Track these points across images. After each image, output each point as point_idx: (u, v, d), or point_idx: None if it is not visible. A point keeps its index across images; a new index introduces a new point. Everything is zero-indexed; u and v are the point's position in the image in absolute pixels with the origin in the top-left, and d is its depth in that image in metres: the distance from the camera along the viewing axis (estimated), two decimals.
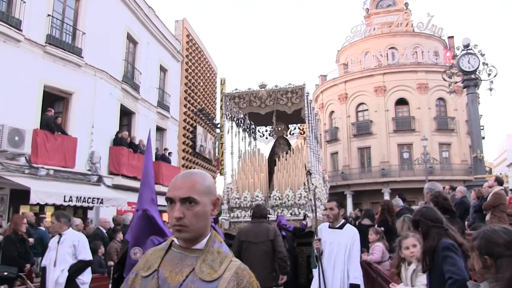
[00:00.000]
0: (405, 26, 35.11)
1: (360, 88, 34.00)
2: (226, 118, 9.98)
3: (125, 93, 16.90)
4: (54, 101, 13.77)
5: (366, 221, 8.56)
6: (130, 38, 17.90)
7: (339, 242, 4.70)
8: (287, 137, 11.69)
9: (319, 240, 4.77)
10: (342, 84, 35.39)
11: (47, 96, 12.95)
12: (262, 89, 9.50)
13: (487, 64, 13.96)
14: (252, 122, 11.72)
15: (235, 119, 10.53)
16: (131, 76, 17.68)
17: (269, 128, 12.20)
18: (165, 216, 19.93)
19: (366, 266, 6.56)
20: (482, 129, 29.40)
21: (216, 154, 29.54)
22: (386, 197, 30.60)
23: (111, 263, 7.21)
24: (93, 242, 7.59)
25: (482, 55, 13.90)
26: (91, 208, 13.75)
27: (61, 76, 13.34)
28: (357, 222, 9.98)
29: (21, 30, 11.82)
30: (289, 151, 10.18)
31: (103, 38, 15.28)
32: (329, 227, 4.86)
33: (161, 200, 14.59)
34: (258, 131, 12.42)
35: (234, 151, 10.06)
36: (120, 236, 7.83)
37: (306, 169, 8.86)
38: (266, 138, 12.35)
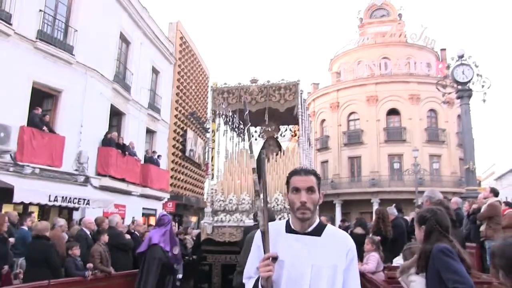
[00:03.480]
0: (398, 37, 35.25)
1: (352, 97, 34.00)
2: (214, 114, 9.58)
3: (115, 93, 16.63)
4: (43, 99, 13.47)
5: (359, 230, 8.38)
6: (123, 38, 17.66)
7: (314, 263, 2.07)
8: (277, 139, 11.31)
9: (275, 259, 2.02)
10: (334, 93, 35.38)
11: (35, 93, 12.63)
12: (253, 84, 9.12)
13: (481, 76, 13.90)
14: (241, 122, 11.31)
15: (223, 116, 10.14)
16: (122, 76, 17.43)
17: (258, 129, 11.81)
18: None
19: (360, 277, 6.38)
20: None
21: (206, 159, 29.27)
22: (376, 207, 30.53)
23: (90, 265, 6.92)
24: (69, 242, 7.32)
25: (476, 66, 13.84)
26: (76, 209, 13.41)
27: (51, 73, 13.05)
28: (348, 231, 9.76)
29: (11, 24, 11.53)
30: (279, 152, 9.83)
31: (96, 36, 15.02)
32: (290, 231, 2.19)
33: (152, 204, 14.28)
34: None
35: (220, 150, 9.66)
36: (105, 238, 7.52)
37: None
38: (256, 139, 11.93)
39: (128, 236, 8.52)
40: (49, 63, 13.06)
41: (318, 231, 2.16)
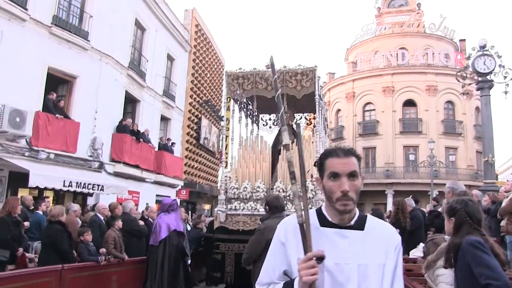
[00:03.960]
0: (417, 27, 34.65)
1: (368, 88, 33.64)
2: (228, 100, 9.36)
3: (130, 80, 16.59)
4: (58, 84, 13.49)
5: None
6: (138, 24, 17.56)
7: (361, 263, 1.71)
8: (292, 127, 11.07)
9: (320, 259, 1.59)
10: (350, 83, 35.02)
11: (50, 79, 12.64)
12: (269, 69, 8.86)
13: (503, 66, 13.53)
14: (255, 110, 11.09)
15: (238, 102, 9.92)
16: (137, 63, 17.36)
17: (273, 116, 11.57)
18: None
19: None
20: None
21: (220, 147, 29.24)
22: (390, 198, 30.31)
23: (103, 250, 6.88)
24: (80, 228, 7.29)
25: (499, 56, 13.47)
26: (91, 195, 13.46)
27: (66, 58, 13.03)
28: None
29: (26, 9, 11.50)
30: (295, 140, 9.61)
31: (111, 22, 14.95)
32: (327, 224, 1.77)
33: (166, 191, 14.26)
34: (261, 119, 11.76)
35: (234, 137, 9.35)
36: (119, 224, 7.48)
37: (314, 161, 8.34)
38: (270, 127, 11.68)
39: (141, 223, 8.48)
40: (64, 48, 13.04)
41: (360, 224, 1.77)
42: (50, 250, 6.15)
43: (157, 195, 18.71)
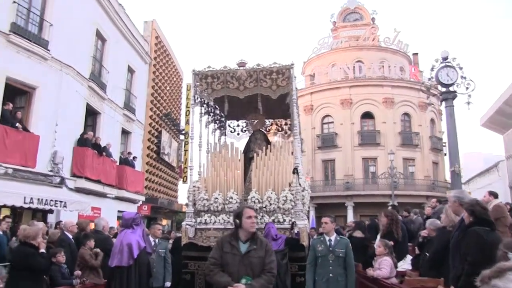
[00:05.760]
0: (372, 41, 35.48)
1: (326, 100, 33.97)
2: (195, 101, 8.74)
3: (91, 92, 15.93)
4: (16, 95, 12.72)
5: (358, 234, 8.10)
6: (99, 35, 16.96)
7: None
8: (264, 133, 10.48)
9: None
10: (308, 96, 35.24)
11: (8, 89, 11.89)
12: (241, 67, 8.37)
13: (465, 78, 13.93)
14: (222, 114, 10.51)
15: (205, 105, 9.33)
16: (98, 74, 16.72)
17: (241, 123, 11.05)
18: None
19: (370, 284, 6.02)
20: (444, 145, 29.86)
21: (180, 161, 28.67)
22: (350, 211, 30.54)
23: (78, 272, 6.35)
24: (52, 249, 6.67)
25: (461, 68, 13.87)
26: (51, 212, 12.69)
27: (25, 68, 12.32)
28: (346, 234, 9.33)
29: None
30: (269, 146, 9.10)
31: (71, 32, 14.34)
32: None
33: (127, 206, 13.58)
34: (229, 125, 11.19)
35: (202, 143, 8.42)
36: (91, 243, 6.93)
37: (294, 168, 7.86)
38: (238, 134, 11.12)
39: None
40: (23, 57, 12.34)
41: None
42: (21, 274, 5.50)
43: (118, 211, 17.96)
